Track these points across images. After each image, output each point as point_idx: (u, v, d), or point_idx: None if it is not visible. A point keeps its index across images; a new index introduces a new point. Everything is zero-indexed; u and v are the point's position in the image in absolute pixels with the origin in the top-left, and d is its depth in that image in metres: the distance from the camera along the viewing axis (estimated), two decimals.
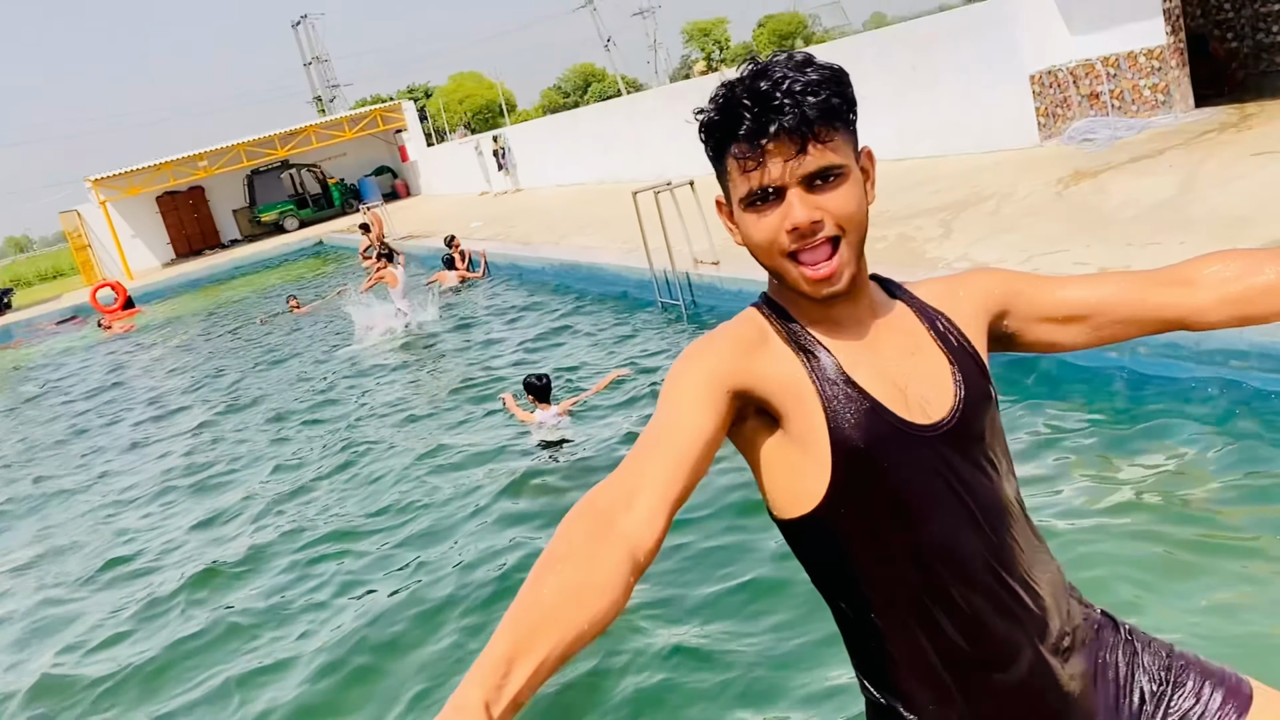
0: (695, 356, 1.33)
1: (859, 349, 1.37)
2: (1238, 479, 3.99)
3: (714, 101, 1.33)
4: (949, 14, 12.91)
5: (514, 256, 13.59)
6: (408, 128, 32.55)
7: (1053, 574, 1.44)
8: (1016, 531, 1.38)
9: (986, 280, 1.50)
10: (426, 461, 6.87)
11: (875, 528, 1.33)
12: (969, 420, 1.35)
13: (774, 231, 1.31)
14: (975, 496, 1.35)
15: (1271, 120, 8.59)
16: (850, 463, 1.30)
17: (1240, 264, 1.45)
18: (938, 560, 1.33)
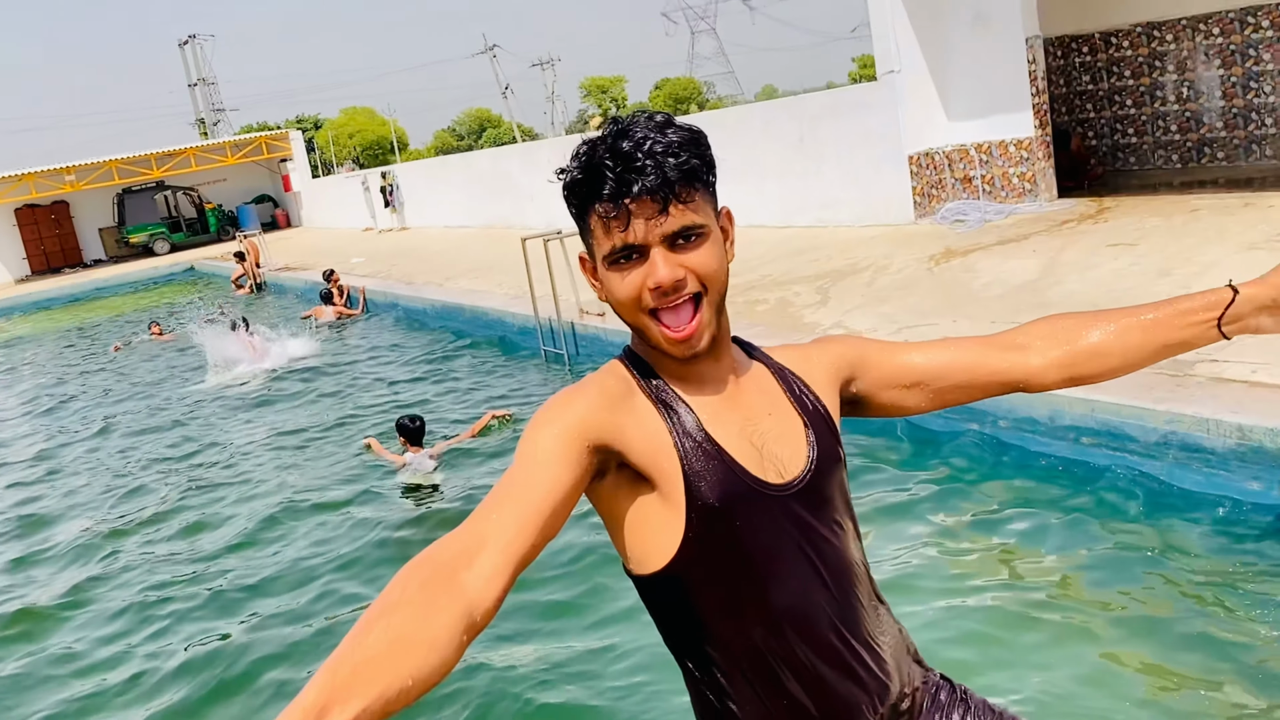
0: (558, 408, 1.31)
1: (719, 406, 1.39)
2: (1075, 553, 4.17)
3: (576, 160, 1.35)
4: (836, 91, 13.46)
5: (395, 295, 13.34)
6: (293, 157, 31.82)
7: (894, 636, 1.48)
8: (861, 593, 1.42)
9: (837, 347, 1.55)
10: (283, 502, 6.59)
11: (725, 585, 1.34)
12: (819, 481, 1.39)
13: (637, 289, 1.32)
14: (823, 556, 1.37)
15: (1125, 215, 9.19)
16: (704, 520, 1.31)
17: (1069, 327, 1.54)
18: (784, 619, 1.34)
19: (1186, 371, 4.87)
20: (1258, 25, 10.51)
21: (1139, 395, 4.68)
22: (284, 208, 33.00)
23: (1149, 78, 11.53)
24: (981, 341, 1.56)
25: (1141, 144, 11.79)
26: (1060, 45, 12.16)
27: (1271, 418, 4.17)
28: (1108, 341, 1.51)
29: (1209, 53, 10.96)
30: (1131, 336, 1.51)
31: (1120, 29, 11.63)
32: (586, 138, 1.35)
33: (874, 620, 1.43)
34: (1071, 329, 1.53)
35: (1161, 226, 8.39)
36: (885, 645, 1.44)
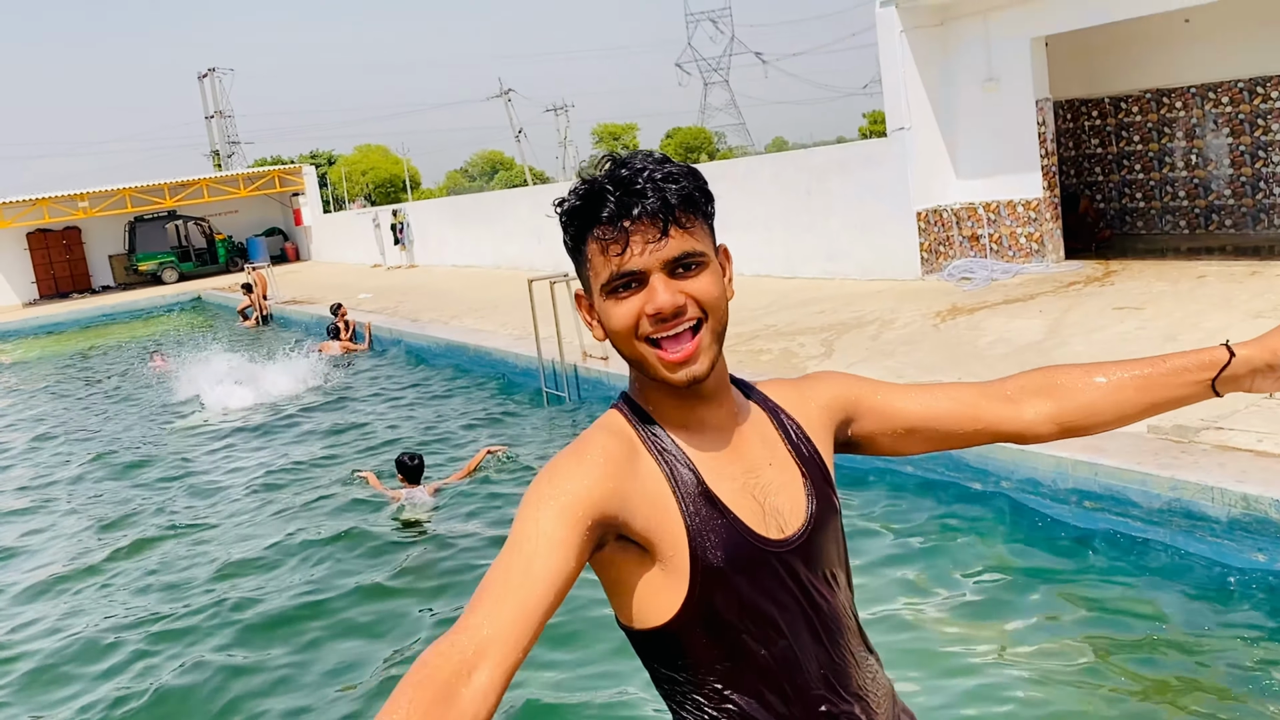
0: (559, 481, 1.25)
1: (721, 459, 1.36)
2: (1071, 616, 4.10)
3: (574, 191, 1.32)
4: (846, 146, 13.57)
5: (400, 332, 13.35)
6: (305, 192, 32.06)
7: (885, 688, 1.46)
8: (853, 645, 1.40)
9: (833, 387, 1.51)
10: (276, 536, 6.54)
11: (723, 642, 1.32)
12: (818, 535, 1.37)
13: (635, 316, 1.29)
14: (818, 611, 1.35)
15: (1131, 278, 9.20)
16: (707, 580, 1.29)
17: (1064, 383, 1.52)
18: (778, 674, 1.32)
19: (1192, 438, 4.83)
20: (1266, 95, 10.59)
21: (1143, 460, 4.64)
22: (294, 241, 33.19)
23: (1158, 143, 11.61)
24: (977, 390, 1.54)
25: (1149, 209, 11.83)
26: (1070, 108, 12.26)
27: (1277, 488, 4.12)
28: (1101, 397, 1.50)
29: (1218, 121, 11.04)
30: (1125, 393, 1.49)
31: (1130, 94, 11.73)
32: (582, 177, 1.33)
33: (864, 673, 1.41)
34: (1066, 383, 1.52)
35: (1168, 292, 8.39)
36: (875, 697, 1.41)
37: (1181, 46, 11.10)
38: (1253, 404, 5.19)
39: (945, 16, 10.93)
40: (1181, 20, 10.83)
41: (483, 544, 6.04)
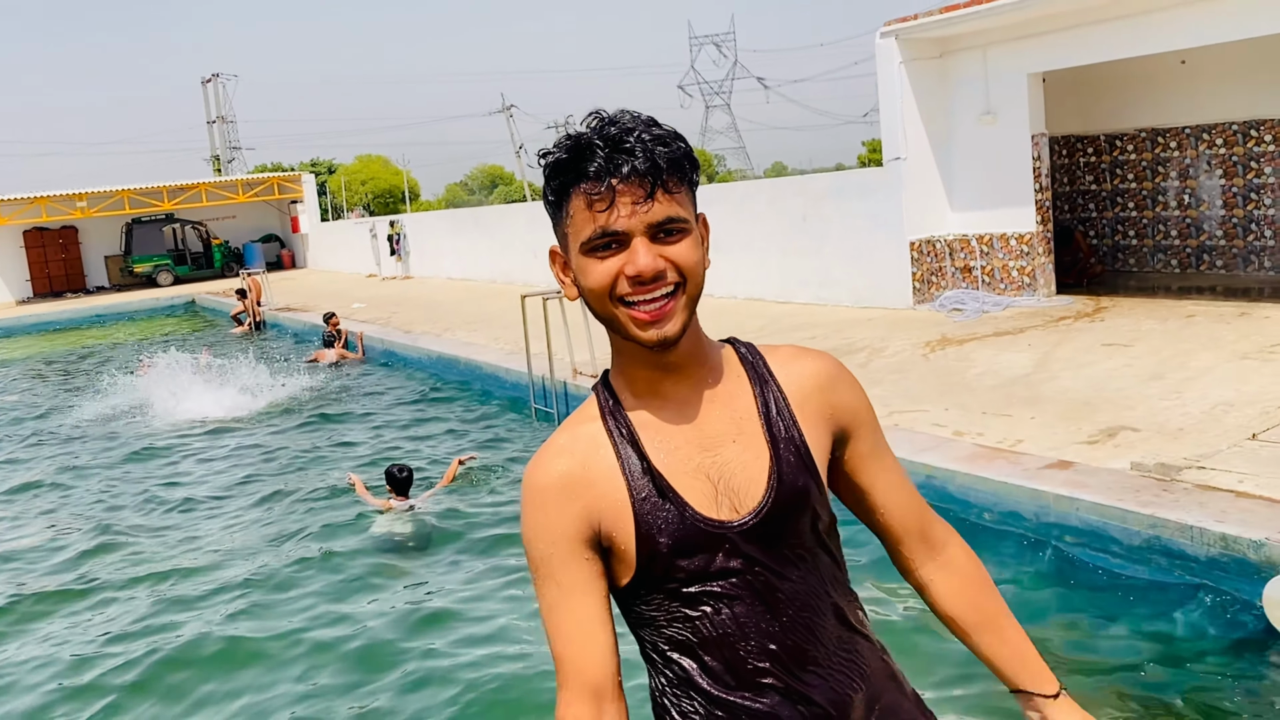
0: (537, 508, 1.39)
1: (678, 438, 1.37)
2: (1044, 649, 4.11)
3: (560, 144, 1.32)
4: (842, 173, 13.64)
5: (392, 343, 13.35)
6: (304, 199, 32.10)
7: (871, 669, 1.44)
8: (821, 624, 1.39)
9: (848, 397, 1.49)
10: (263, 544, 6.52)
11: (669, 610, 1.37)
12: (776, 516, 1.35)
13: (612, 276, 1.29)
14: (772, 589, 1.35)
15: (1122, 315, 9.25)
16: (651, 561, 1.35)
17: (962, 588, 1.54)
18: (719, 645, 1.36)
19: (1174, 476, 4.85)
20: (1260, 139, 10.69)
21: (1124, 498, 4.66)
22: (290, 248, 33.20)
23: (1152, 182, 11.70)
24: (917, 513, 1.54)
25: (1142, 246, 11.91)
26: (1066, 144, 12.36)
27: (1255, 529, 4.14)
28: (967, 622, 1.54)
29: (1211, 162, 11.14)
30: (981, 636, 1.54)
31: (1125, 132, 11.83)
32: (569, 129, 1.34)
33: (836, 652, 1.40)
34: (963, 589, 1.55)
35: (1157, 330, 8.43)
36: (848, 677, 1.40)
37: (1177, 87, 11.20)
38: (1235, 445, 5.22)
39: (944, 49, 11.03)
40: (1178, 61, 10.94)
41: (472, 555, 6.04)
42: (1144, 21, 9.26)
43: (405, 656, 4.72)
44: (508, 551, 5.98)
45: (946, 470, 5.40)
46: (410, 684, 4.45)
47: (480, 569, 5.78)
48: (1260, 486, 4.59)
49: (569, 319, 9.21)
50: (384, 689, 4.43)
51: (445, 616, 5.16)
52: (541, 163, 1.33)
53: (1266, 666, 3.87)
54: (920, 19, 10.43)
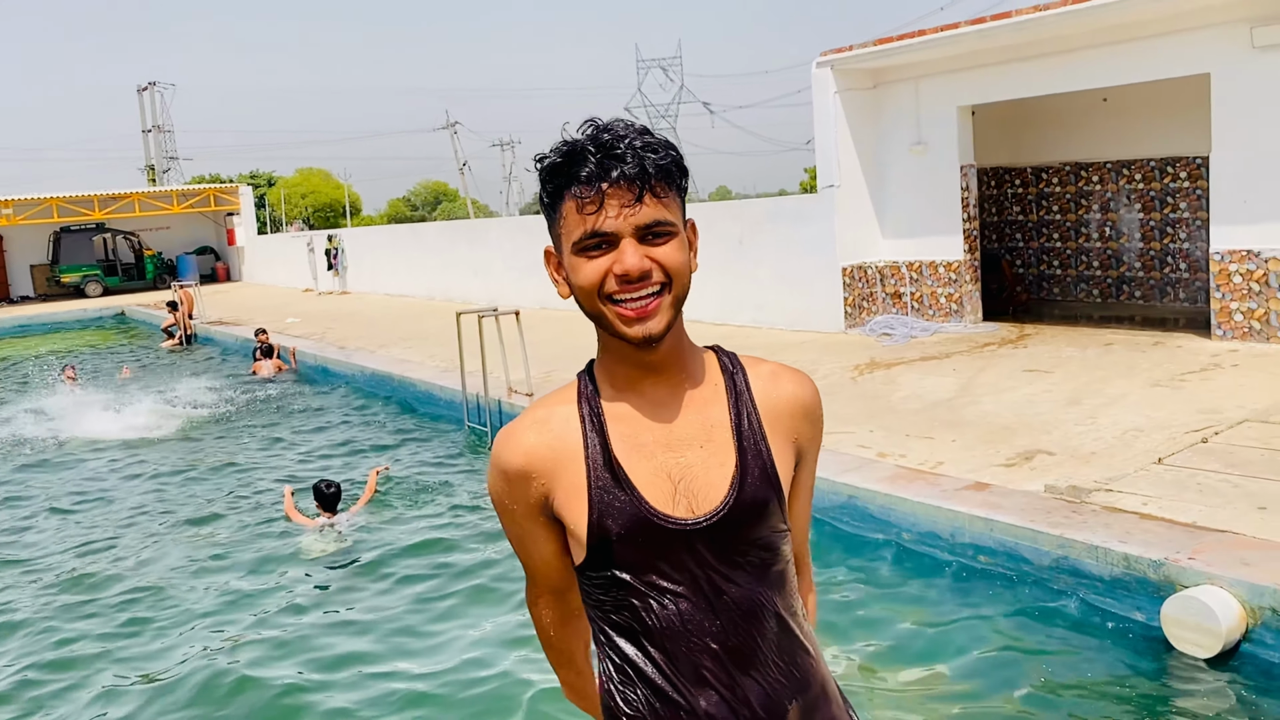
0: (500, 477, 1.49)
1: (648, 435, 1.43)
2: (960, 662, 4.22)
3: (555, 149, 1.39)
4: (778, 199, 13.88)
5: (326, 358, 13.20)
6: (241, 211, 31.62)
7: (807, 678, 1.48)
8: (764, 630, 1.43)
9: (811, 429, 1.55)
10: (191, 562, 6.40)
11: (615, 597, 1.43)
12: (733, 521, 1.40)
13: (601, 274, 1.36)
14: (718, 591, 1.41)
15: (1044, 342, 9.53)
16: (601, 547, 1.41)
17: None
18: (661, 636, 1.41)
19: (1084, 499, 5.02)
20: (1175, 175, 11.13)
21: (1035, 519, 4.81)
22: (225, 261, 32.64)
23: (1075, 214, 12.10)
24: (804, 541, 1.65)
25: (1065, 276, 12.29)
26: (995, 176, 12.72)
27: (1155, 549, 4.31)
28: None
29: (1130, 196, 11.56)
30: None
31: (1051, 165, 12.23)
32: (564, 135, 1.40)
33: (775, 657, 1.44)
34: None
35: (1077, 357, 8.71)
36: (780, 683, 1.44)
37: (1100, 124, 11.62)
38: (1142, 469, 5.42)
39: (878, 81, 11.30)
40: (1100, 99, 11.35)
41: (403, 567, 6.00)
42: (1067, 60, 9.61)
43: (334, 677, 4.68)
44: (437, 568, 5.96)
45: (868, 490, 5.52)
46: (338, 706, 4.40)
47: (409, 588, 5.75)
48: (1162, 509, 4.78)
49: (505, 337, 9.22)
50: (311, 709, 4.38)
51: (371, 628, 5.12)
52: (537, 167, 1.40)
53: (1164, 680, 4.01)
54: (855, 50, 10.69)
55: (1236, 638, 3.96)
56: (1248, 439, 5.78)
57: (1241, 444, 5.70)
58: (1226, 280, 8.67)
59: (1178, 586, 4.13)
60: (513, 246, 17.40)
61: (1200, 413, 6.51)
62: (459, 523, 6.78)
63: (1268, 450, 5.52)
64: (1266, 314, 8.46)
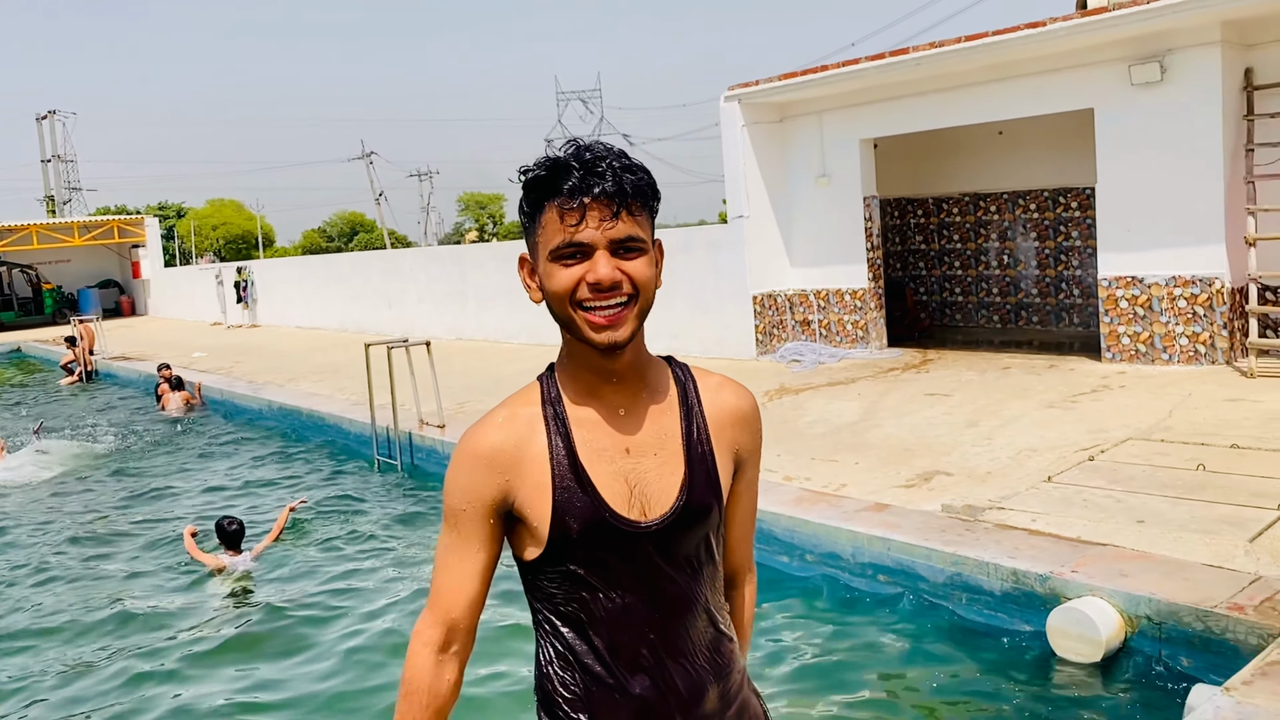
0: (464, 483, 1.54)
1: (608, 441, 1.53)
2: (859, 679, 4.32)
3: (539, 163, 1.48)
4: (691, 229, 14.10)
5: (232, 394, 12.91)
6: (147, 244, 30.79)
7: (726, 667, 1.61)
8: (695, 623, 1.56)
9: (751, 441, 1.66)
10: (89, 605, 6.18)
11: (568, 590, 1.54)
12: (679, 526, 1.52)
13: (575, 281, 1.45)
14: (661, 588, 1.53)
15: (945, 367, 9.82)
16: (560, 543, 1.51)
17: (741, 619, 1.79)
18: (607, 626, 1.53)
19: (978, 517, 5.19)
20: (1067, 205, 11.62)
21: (930, 537, 4.95)
22: (131, 294, 31.71)
23: (974, 243, 12.53)
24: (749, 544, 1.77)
25: (967, 303, 12.70)
26: (898, 206, 13.12)
27: (1041, 564, 4.47)
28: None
29: (1026, 225, 12.02)
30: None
31: (951, 196, 12.66)
32: (548, 152, 1.49)
33: (701, 648, 1.57)
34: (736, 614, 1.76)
35: (975, 381, 9.00)
36: (704, 670, 1.57)
37: (996, 156, 12.09)
38: (1033, 487, 5.62)
39: (784, 114, 11.59)
40: (996, 132, 11.81)
41: (310, 606, 5.88)
42: (963, 95, 10.00)
43: None
44: (344, 606, 5.86)
45: (773, 514, 5.61)
46: None
47: (314, 628, 5.64)
48: (1050, 525, 4.97)
49: (416, 369, 9.15)
50: None
51: (276, 685, 5.01)
52: (521, 178, 1.49)
53: (1050, 688, 4.16)
54: (761, 84, 10.95)
55: (1117, 645, 4.13)
56: (1130, 456, 6.05)
57: (1125, 461, 5.96)
58: (1114, 305, 9.07)
59: (1062, 599, 4.29)
60: (426, 277, 17.29)
61: (1089, 432, 6.79)
62: (367, 560, 6.68)
63: (1148, 466, 5.79)
64: (1151, 337, 8.87)
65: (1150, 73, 8.62)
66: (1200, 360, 8.60)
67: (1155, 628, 4.07)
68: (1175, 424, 6.76)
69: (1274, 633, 3.73)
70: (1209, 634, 3.91)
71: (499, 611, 5.18)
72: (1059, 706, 4.07)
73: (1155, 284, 8.80)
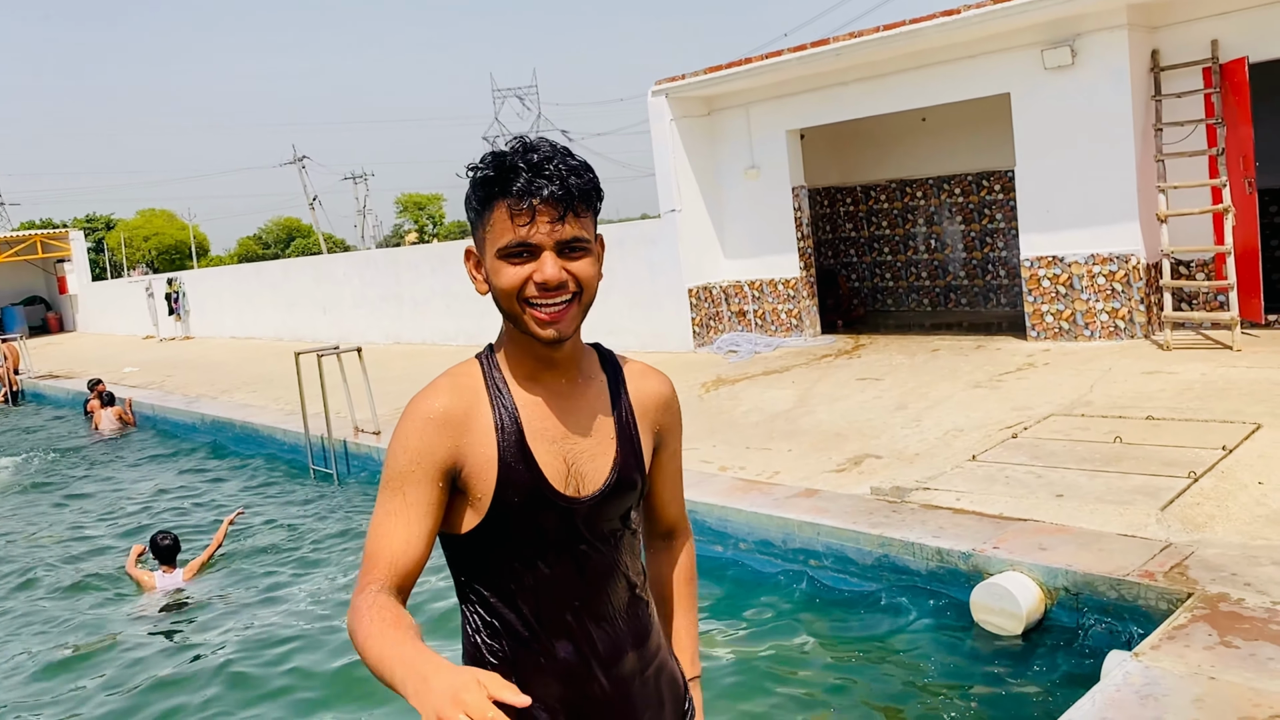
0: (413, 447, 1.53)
1: (548, 421, 1.61)
2: (801, 660, 4.39)
3: (487, 161, 1.53)
4: (625, 225, 14.10)
5: (163, 408, 12.66)
6: (72, 258, 29.98)
7: (645, 632, 1.72)
8: (617, 590, 1.67)
9: (670, 419, 1.79)
10: (19, 629, 6.04)
11: (500, 560, 1.60)
12: (609, 501, 1.63)
13: (521, 280, 1.52)
14: (587, 558, 1.63)
15: (877, 351, 9.97)
16: (499, 515, 1.57)
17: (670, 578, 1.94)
18: (535, 594, 1.61)
19: (904, 498, 5.29)
20: (990, 188, 11.86)
21: (858, 520, 5.04)
22: (58, 310, 30.87)
23: (903, 229, 12.73)
24: (680, 510, 1.92)
25: (898, 288, 12.90)
26: (828, 195, 13.27)
27: (965, 541, 4.58)
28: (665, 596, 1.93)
29: (952, 209, 12.24)
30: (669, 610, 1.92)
31: (878, 183, 12.84)
32: (493, 150, 1.53)
33: (622, 614, 1.67)
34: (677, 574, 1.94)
35: (905, 364, 9.15)
36: (625, 634, 1.67)
37: (920, 142, 12.29)
38: (958, 466, 5.75)
39: (712, 107, 11.66)
40: (919, 119, 12.00)
41: (245, 621, 5.80)
42: (884, 83, 10.15)
43: None
44: (282, 619, 5.80)
45: (706, 504, 5.67)
46: None
47: (257, 634, 5.57)
48: (974, 503, 5.08)
49: (349, 376, 9.06)
50: None
51: (210, 687, 4.95)
52: (469, 175, 1.54)
53: (974, 661, 4.27)
54: (687, 78, 11.00)
55: (1037, 617, 4.25)
56: (1052, 432, 6.21)
57: (1046, 437, 6.12)
58: (1037, 285, 9.28)
59: (985, 575, 4.41)
60: (361, 281, 17.10)
61: (1014, 410, 6.95)
62: (304, 571, 6.62)
63: (1068, 441, 5.94)
64: (1072, 314, 9.10)
65: (1062, 56, 8.83)
66: (1120, 335, 8.84)
67: (1073, 599, 4.19)
68: (1095, 398, 6.95)
69: (1182, 597, 3.86)
70: (1122, 602, 4.04)
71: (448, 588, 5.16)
72: (984, 679, 4.18)
73: (1075, 262, 9.02)
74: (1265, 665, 3.24)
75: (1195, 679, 3.20)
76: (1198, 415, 6.13)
